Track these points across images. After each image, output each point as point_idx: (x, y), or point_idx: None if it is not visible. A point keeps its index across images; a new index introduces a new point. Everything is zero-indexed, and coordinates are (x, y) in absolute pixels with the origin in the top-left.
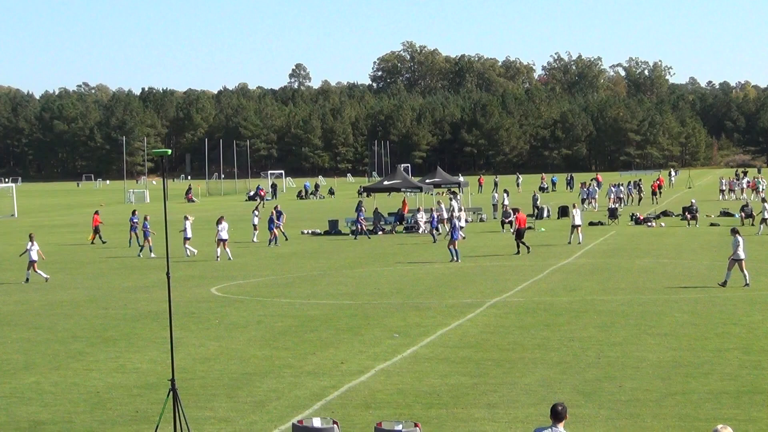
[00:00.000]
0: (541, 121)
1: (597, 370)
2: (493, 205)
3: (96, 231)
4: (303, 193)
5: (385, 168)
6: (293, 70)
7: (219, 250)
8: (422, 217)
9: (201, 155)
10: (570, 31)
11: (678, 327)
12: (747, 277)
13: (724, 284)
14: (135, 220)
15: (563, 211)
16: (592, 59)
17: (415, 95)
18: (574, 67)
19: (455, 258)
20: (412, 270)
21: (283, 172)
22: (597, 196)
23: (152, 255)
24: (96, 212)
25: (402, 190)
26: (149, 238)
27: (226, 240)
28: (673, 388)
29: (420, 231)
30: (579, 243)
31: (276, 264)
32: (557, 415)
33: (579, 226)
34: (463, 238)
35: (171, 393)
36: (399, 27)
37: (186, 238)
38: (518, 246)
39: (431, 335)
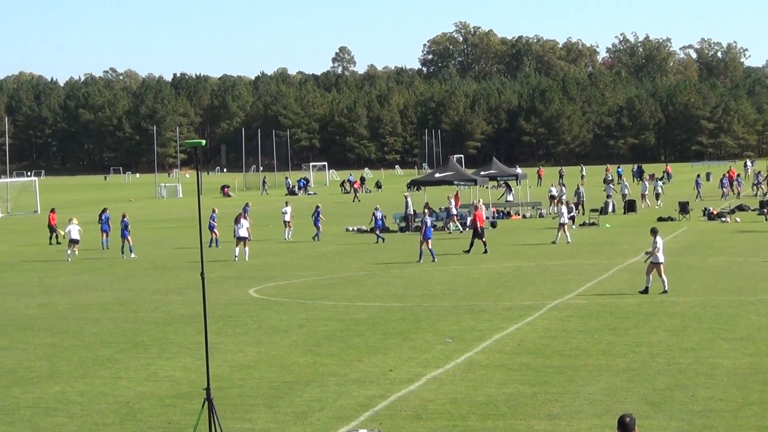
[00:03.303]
0: (606, 107)
1: (667, 378)
2: (550, 197)
3: (52, 230)
4: (348, 187)
5: (436, 159)
6: (336, 53)
7: (238, 249)
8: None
9: (237, 146)
10: (636, 10)
11: (755, 331)
12: (665, 283)
13: (645, 291)
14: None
15: (629, 206)
16: (661, 41)
17: (469, 80)
18: (641, 49)
19: (432, 258)
20: (466, 270)
21: (326, 164)
22: (656, 191)
23: (132, 255)
24: (52, 210)
25: (455, 183)
26: (128, 237)
27: (245, 238)
28: (750, 397)
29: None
30: (568, 242)
31: (318, 264)
32: (625, 426)
33: (565, 224)
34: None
35: (206, 403)
36: (451, 6)
37: (73, 241)
38: (472, 244)
39: (487, 340)
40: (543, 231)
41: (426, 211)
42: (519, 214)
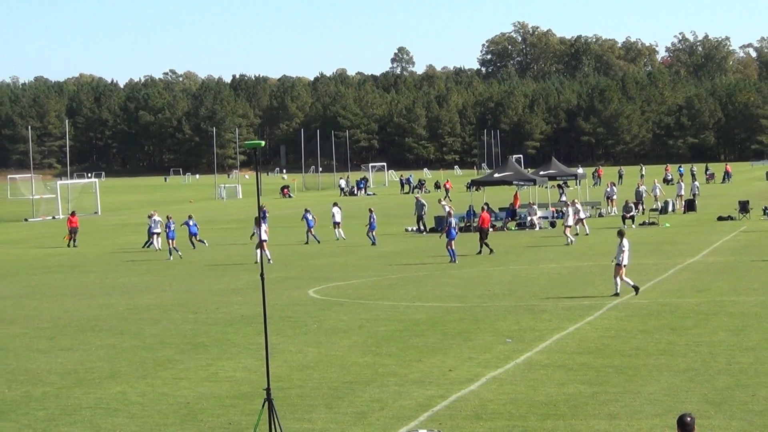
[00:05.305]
0: (665, 107)
1: (728, 378)
2: (607, 198)
3: (72, 232)
4: (408, 188)
5: (495, 159)
6: (395, 54)
7: (259, 252)
8: (536, 213)
9: (297, 147)
10: (695, 9)
11: None
12: (618, 286)
13: (636, 290)
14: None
15: (689, 205)
16: (720, 39)
17: (528, 80)
18: (700, 49)
19: (452, 258)
20: (526, 270)
21: (385, 164)
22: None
23: (170, 258)
24: (72, 213)
25: (514, 183)
26: (173, 239)
27: (265, 241)
28: None
29: (536, 228)
30: (570, 242)
31: (378, 264)
32: (685, 426)
33: (569, 226)
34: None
35: (266, 403)
36: (509, 6)
37: (154, 233)
38: (481, 246)
39: (546, 340)
40: (602, 230)
41: (450, 211)
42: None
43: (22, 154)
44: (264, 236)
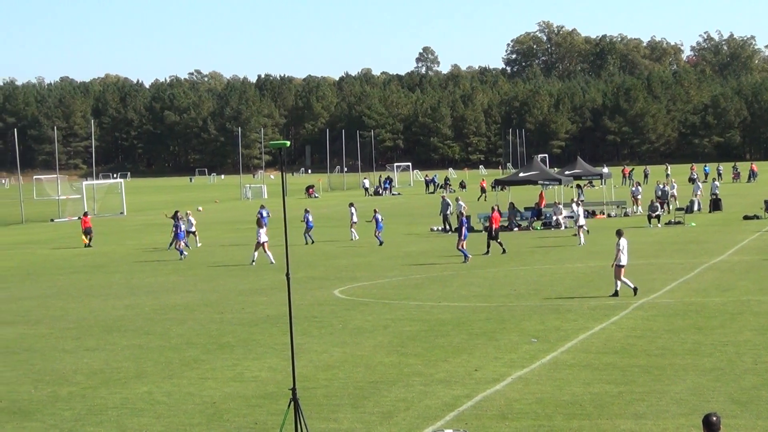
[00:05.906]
0: (690, 106)
1: (754, 377)
2: (634, 198)
3: (87, 233)
4: (433, 188)
5: (520, 159)
6: (420, 53)
7: (257, 253)
8: (562, 212)
9: (322, 147)
10: (721, 8)
11: None
12: (618, 285)
13: (615, 294)
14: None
15: (715, 204)
16: (745, 38)
17: (553, 79)
18: (725, 48)
19: (466, 258)
20: (551, 269)
21: (410, 164)
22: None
23: (181, 257)
24: (85, 214)
25: (539, 182)
26: (182, 240)
27: (266, 242)
28: None
29: (561, 228)
30: (581, 244)
31: (403, 264)
32: (711, 426)
33: (581, 226)
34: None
35: (292, 403)
36: (534, 6)
37: (190, 232)
38: (488, 245)
39: (572, 340)
40: (628, 230)
41: (462, 211)
42: (604, 213)
43: (48, 154)
44: (264, 237)
